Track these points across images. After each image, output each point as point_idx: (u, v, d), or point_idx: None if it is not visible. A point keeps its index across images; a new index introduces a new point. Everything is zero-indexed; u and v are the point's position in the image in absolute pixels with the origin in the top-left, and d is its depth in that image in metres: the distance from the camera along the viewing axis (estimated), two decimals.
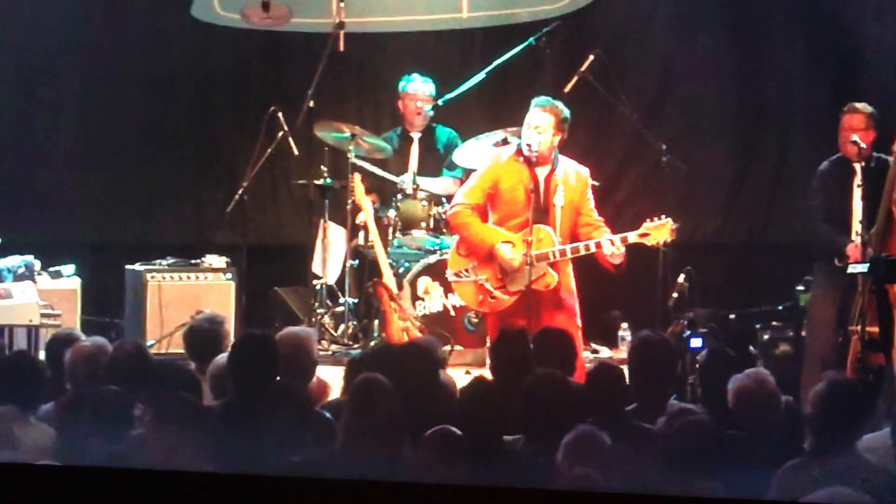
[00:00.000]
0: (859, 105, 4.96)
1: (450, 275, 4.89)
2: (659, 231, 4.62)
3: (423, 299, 5.60)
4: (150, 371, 3.72)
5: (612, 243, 4.62)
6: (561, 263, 4.73)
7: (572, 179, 4.79)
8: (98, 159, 6.31)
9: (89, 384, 3.64)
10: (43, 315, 5.09)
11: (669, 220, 4.63)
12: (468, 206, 4.81)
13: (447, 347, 5.06)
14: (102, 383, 3.57)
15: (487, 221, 4.83)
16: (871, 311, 4.55)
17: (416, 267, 5.61)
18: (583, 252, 4.68)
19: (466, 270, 4.81)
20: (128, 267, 5.85)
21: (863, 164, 4.88)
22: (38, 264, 5.53)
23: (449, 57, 6.31)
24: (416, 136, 5.91)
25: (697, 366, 3.98)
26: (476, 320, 5.44)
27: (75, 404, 3.40)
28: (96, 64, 6.26)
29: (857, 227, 4.84)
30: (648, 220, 4.65)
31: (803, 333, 5.22)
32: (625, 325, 5.81)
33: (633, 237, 4.63)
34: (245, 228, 5.90)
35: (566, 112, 4.81)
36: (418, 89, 5.84)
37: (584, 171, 4.85)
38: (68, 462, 3.08)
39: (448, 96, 5.93)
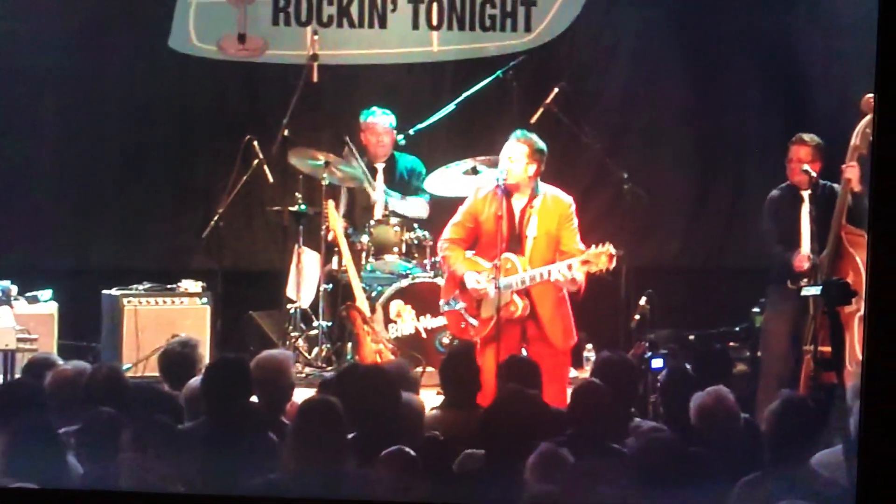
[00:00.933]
0: (807, 136, 5.18)
1: (441, 304, 5.07)
2: (599, 258, 4.73)
3: (395, 322, 5.70)
4: (127, 394, 3.75)
5: (560, 272, 4.75)
6: (539, 292, 4.84)
7: (551, 208, 4.91)
8: (75, 185, 6.34)
9: (71, 408, 3.65)
10: (19, 340, 5.11)
11: (610, 246, 4.73)
12: (448, 240, 4.99)
13: (419, 369, 5.14)
14: (82, 407, 3.58)
15: (471, 253, 4.98)
16: (823, 332, 4.71)
17: (389, 291, 5.72)
18: (538, 280, 4.81)
19: (453, 299, 4.96)
20: (104, 292, 5.88)
21: (811, 191, 5.07)
22: (14, 289, 5.55)
23: (420, 89, 6.44)
24: (379, 166, 6.03)
25: (659, 385, 4.08)
26: (447, 342, 5.54)
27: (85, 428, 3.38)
28: (75, 91, 6.30)
29: (806, 250, 5.02)
30: (593, 245, 4.76)
31: (759, 353, 5.37)
32: (589, 346, 5.94)
33: (576, 264, 4.76)
34: (221, 254, 5.96)
35: (541, 144, 4.95)
36: (377, 122, 5.96)
37: (565, 199, 4.97)
38: (53, 485, 3.10)
39: (419, 126, 6.07)
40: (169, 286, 5.87)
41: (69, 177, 6.33)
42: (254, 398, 3.73)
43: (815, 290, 4.63)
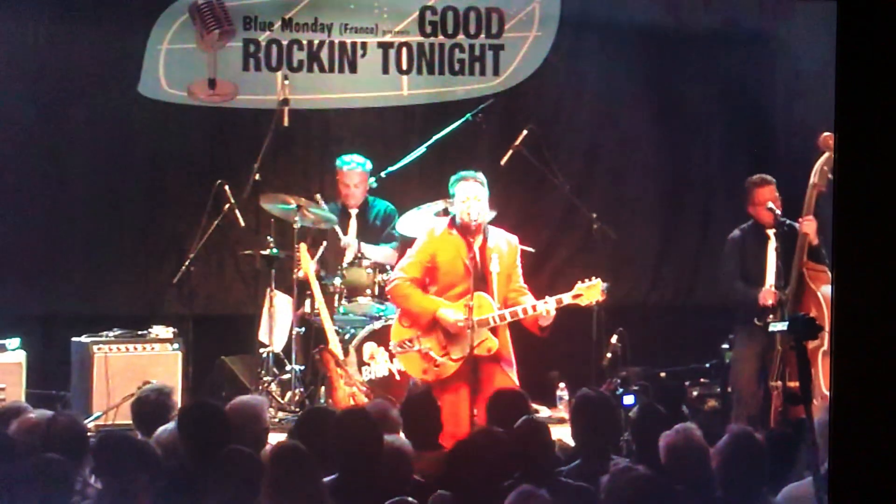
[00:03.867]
0: (768, 177, 5.29)
1: (393, 346, 4.99)
2: (591, 291, 4.81)
3: (368, 364, 5.70)
4: (85, 442, 3.72)
5: (547, 310, 4.79)
6: (500, 329, 4.89)
7: (504, 247, 4.98)
8: (44, 231, 6.31)
9: (31, 456, 3.60)
10: None
11: (600, 280, 4.81)
12: (407, 279, 4.96)
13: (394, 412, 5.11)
14: (38, 454, 3.54)
15: (427, 293, 4.96)
16: (790, 367, 4.79)
17: (362, 333, 5.72)
18: (521, 316, 4.85)
19: (410, 341, 4.91)
20: (74, 339, 5.83)
21: (776, 229, 5.17)
22: None
23: (390, 132, 6.51)
24: (353, 211, 6.07)
25: (630, 422, 4.10)
26: (417, 382, 5.52)
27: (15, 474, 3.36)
28: (43, 137, 6.29)
29: (770, 287, 5.11)
30: (580, 281, 4.82)
31: (729, 389, 5.42)
32: (562, 384, 5.97)
33: (567, 299, 4.82)
34: (192, 298, 5.97)
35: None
36: (352, 170, 6.01)
37: (514, 240, 5.06)
38: None
39: (390, 169, 6.13)
40: (139, 332, 5.84)
41: (37, 223, 6.30)
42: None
43: (781, 326, 4.70)
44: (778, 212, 5.20)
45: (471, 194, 4.95)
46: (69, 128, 6.30)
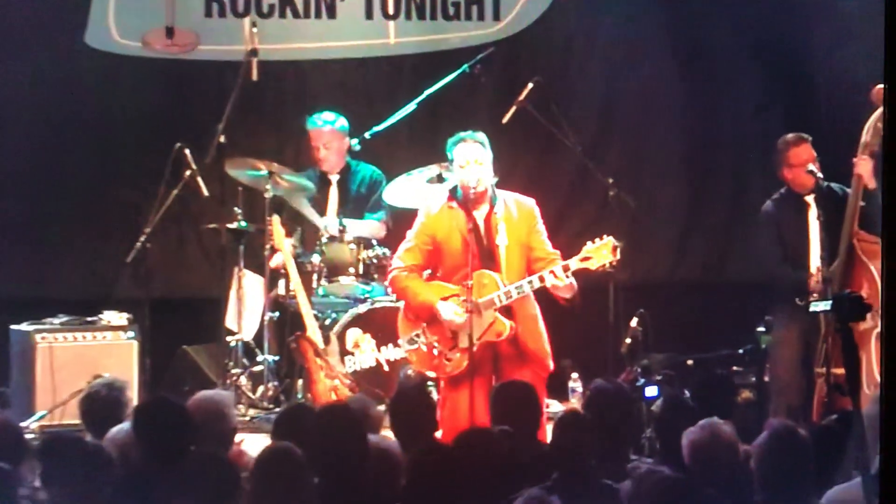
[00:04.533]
0: (804, 135, 5.25)
1: (402, 343, 4.99)
2: (600, 251, 4.76)
3: (352, 354, 5.68)
4: (23, 446, 3.71)
5: (555, 275, 4.73)
6: (520, 307, 4.84)
7: (515, 214, 4.93)
8: None
9: None
10: None
11: (612, 238, 4.76)
12: (405, 269, 4.94)
13: (381, 407, 5.11)
14: None
15: (433, 279, 4.95)
16: (836, 352, 4.77)
17: (345, 318, 5.69)
18: (526, 290, 4.81)
19: (417, 336, 4.91)
20: (13, 327, 5.81)
21: (816, 195, 5.13)
22: None
23: (376, 87, 6.46)
24: (334, 178, 6.02)
25: (654, 417, 4.10)
26: (413, 375, 5.51)
27: None
28: None
29: (815, 262, 5.08)
30: (589, 242, 4.79)
31: (766, 378, 5.41)
32: (575, 375, 5.96)
33: (574, 263, 4.77)
34: (149, 280, 5.91)
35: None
36: (321, 129, 5.96)
37: (529, 203, 4.99)
38: None
39: (375, 129, 6.08)
40: (89, 319, 5.81)
41: None
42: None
43: (825, 306, 4.69)
44: (819, 174, 5.16)
45: (471, 157, 4.91)
46: (6, 85, 6.23)
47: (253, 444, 4.26)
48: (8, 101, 6.27)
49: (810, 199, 5.18)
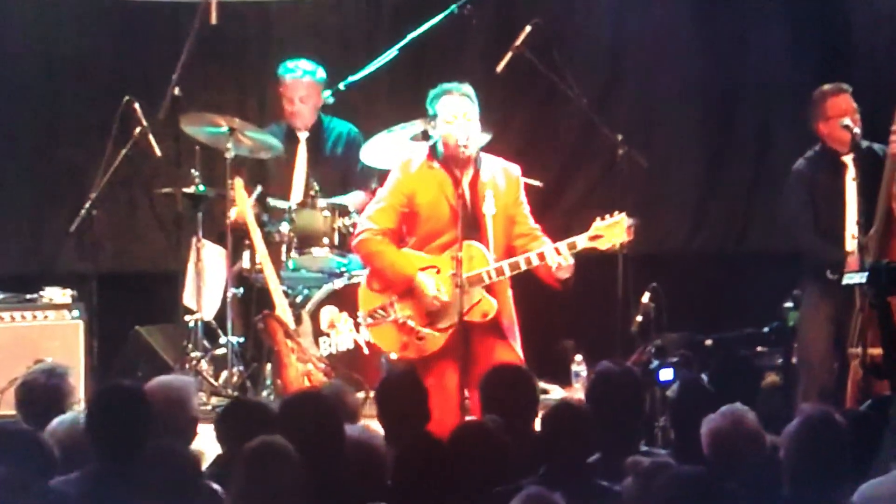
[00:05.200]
0: (843, 85, 5.26)
1: (363, 317, 4.95)
2: (613, 230, 4.77)
3: (328, 335, 5.71)
4: None
5: (558, 252, 4.74)
6: (499, 286, 4.86)
7: (501, 182, 4.93)
8: None
9: None
10: None
11: (624, 215, 4.77)
12: (378, 232, 4.88)
13: (361, 394, 5.15)
14: None
15: (405, 246, 4.91)
16: (872, 330, 4.82)
17: (318, 294, 5.71)
18: (523, 267, 4.82)
19: (384, 309, 4.87)
20: None
21: (853, 154, 5.15)
22: None
23: (351, 31, 6.45)
24: (302, 135, 6.02)
25: (668, 403, 4.14)
26: (396, 359, 5.54)
27: None
28: None
29: (851, 230, 5.11)
30: (599, 218, 4.80)
31: (794, 360, 5.47)
32: (579, 357, 6.01)
33: (582, 242, 4.78)
34: (95, 252, 5.92)
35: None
36: (298, 80, 5.94)
37: (515, 170, 4.99)
38: None
39: (351, 79, 6.06)
40: (28, 296, 5.82)
41: None
42: None
43: (860, 278, 4.73)
44: (857, 129, 5.18)
45: (458, 112, 4.90)
46: None
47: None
48: None
49: (848, 159, 5.20)
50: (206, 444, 4.11)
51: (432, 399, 4.11)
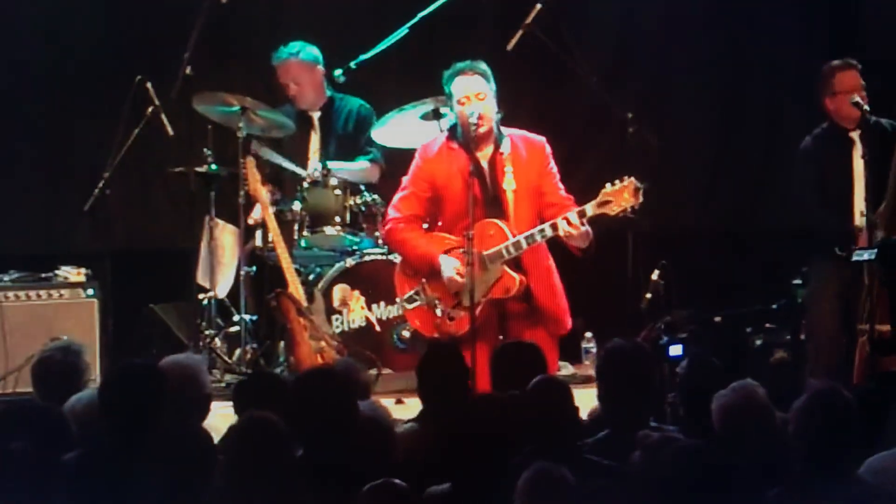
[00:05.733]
0: (852, 60, 5.26)
1: (401, 302, 5.07)
2: (622, 195, 4.80)
3: (340, 313, 5.74)
4: None
5: (569, 221, 4.76)
6: (532, 259, 4.90)
7: (524, 154, 4.98)
8: None
9: None
10: None
11: (633, 179, 4.80)
12: (402, 220, 4.99)
13: (373, 371, 5.19)
14: None
15: (435, 230, 4.99)
16: (881, 306, 4.85)
17: (331, 272, 5.75)
18: (538, 239, 4.87)
19: (417, 293, 4.95)
20: None
21: (861, 130, 5.16)
22: None
23: (362, 9, 6.43)
24: (315, 114, 6.03)
25: (677, 379, 4.16)
26: (408, 336, 5.58)
27: None
28: None
29: (860, 206, 5.13)
30: (609, 184, 4.81)
31: (803, 336, 5.49)
32: (589, 334, 6.04)
33: (591, 209, 4.82)
34: (109, 231, 5.97)
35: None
36: (283, 63, 5.96)
37: (540, 141, 5.04)
38: None
39: (362, 58, 6.07)
40: (43, 275, 5.87)
41: None
42: None
43: (869, 255, 4.74)
44: (865, 106, 5.19)
45: (472, 91, 4.95)
46: None
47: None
48: None
49: (856, 135, 5.21)
50: (219, 420, 4.17)
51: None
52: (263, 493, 3.20)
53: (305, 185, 5.84)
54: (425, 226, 5.07)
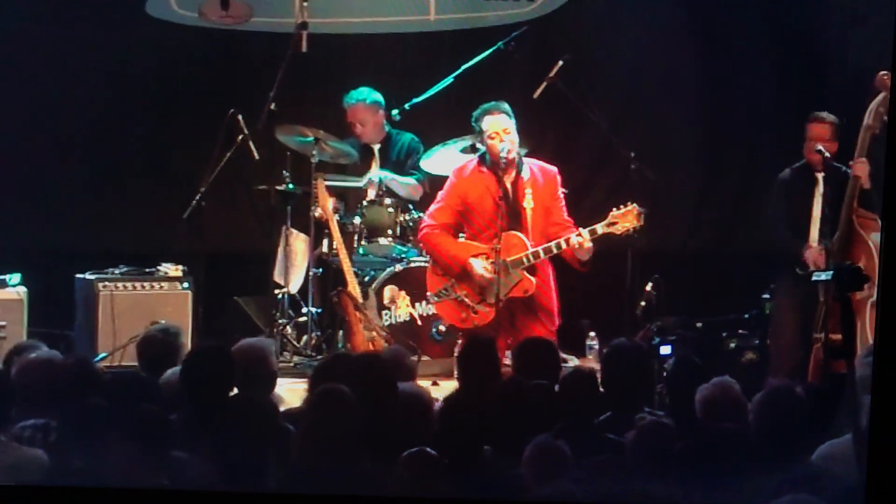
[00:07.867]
0: (824, 114, 5.35)
1: (430, 296, 5.18)
2: (626, 218, 4.95)
3: (389, 309, 5.84)
4: (100, 386, 3.79)
5: (582, 237, 4.92)
6: (540, 267, 5.05)
7: (540, 180, 5.12)
8: (46, 162, 6.38)
9: (37, 399, 3.64)
10: None
11: (636, 205, 4.91)
12: (437, 227, 5.14)
13: (414, 358, 5.27)
14: (51, 398, 3.59)
15: (459, 238, 5.15)
16: (833, 319, 4.90)
17: (382, 275, 5.85)
18: (554, 251, 5.05)
19: (445, 290, 5.07)
20: (78, 276, 5.95)
21: (824, 173, 5.24)
22: None
23: (416, 61, 6.51)
24: (375, 147, 6.14)
25: (665, 374, 4.24)
26: (444, 330, 5.69)
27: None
28: (44, 64, 6.33)
29: (815, 234, 5.19)
30: (615, 209, 4.91)
31: (768, 341, 5.54)
32: (592, 333, 6.10)
33: (601, 228, 4.97)
34: (203, 235, 6.04)
35: None
36: (354, 106, 6.05)
37: (552, 170, 5.22)
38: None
39: (415, 101, 6.17)
40: (147, 270, 5.95)
41: (39, 154, 6.37)
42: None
43: (826, 276, 4.80)
44: (827, 154, 5.26)
45: (499, 128, 5.09)
46: (71, 52, 6.34)
47: (296, 389, 4.43)
48: (73, 67, 6.36)
49: (820, 176, 5.28)
50: (287, 393, 4.25)
51: None
52: (334, 448, 3.25)
53: (364, 203, 5.93)
54: (462, 237, 5.19)
